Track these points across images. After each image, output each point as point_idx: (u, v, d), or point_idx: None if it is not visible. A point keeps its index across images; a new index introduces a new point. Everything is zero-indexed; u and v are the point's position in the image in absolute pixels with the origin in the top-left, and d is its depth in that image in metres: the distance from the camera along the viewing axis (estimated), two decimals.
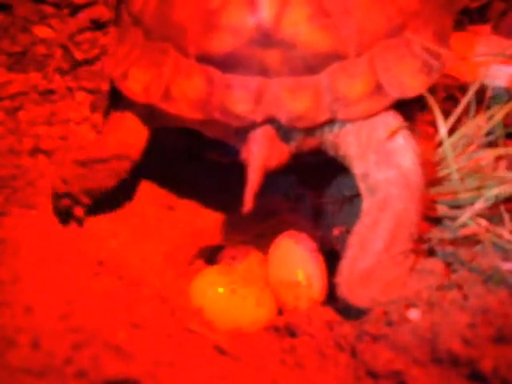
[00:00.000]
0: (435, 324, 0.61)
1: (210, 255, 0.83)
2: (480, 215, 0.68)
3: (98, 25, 0.91)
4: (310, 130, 0.68)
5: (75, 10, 0.92)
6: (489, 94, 0.78)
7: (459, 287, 0.65)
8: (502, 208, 0.67)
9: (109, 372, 0.57)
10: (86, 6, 0.91)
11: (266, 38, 0.64)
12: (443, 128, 0.68)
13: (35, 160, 0.80)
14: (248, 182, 0.65)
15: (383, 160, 0.67)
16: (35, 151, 0.81)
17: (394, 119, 0.68)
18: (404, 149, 0.67)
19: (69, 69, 0.87)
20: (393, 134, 0.67)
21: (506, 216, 0.67)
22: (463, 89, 0.75)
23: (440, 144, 0.72)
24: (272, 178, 0.76)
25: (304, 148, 0.70)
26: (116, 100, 0.76)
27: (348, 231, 0.75)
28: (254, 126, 0.66)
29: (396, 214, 0.66)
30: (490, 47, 0.80)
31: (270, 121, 0.65)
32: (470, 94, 0.71)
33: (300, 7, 0.64)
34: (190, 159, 0.83)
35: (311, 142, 0.70)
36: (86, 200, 0.73)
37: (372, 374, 0.60)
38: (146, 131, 0.74)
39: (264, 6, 0.63)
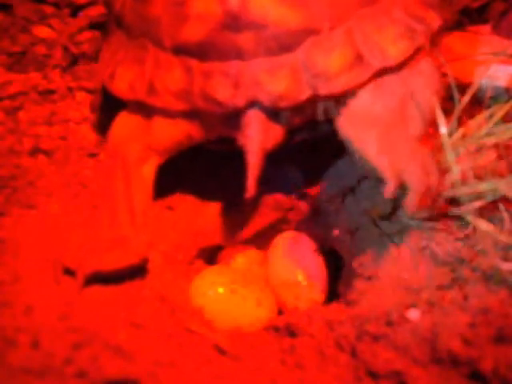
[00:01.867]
0: (435, 324, 0.61)
1: (210, 255, 0.83)
2: (480, 215, 0.68)
3: (97, 25, 0.91)
4: (298, 107, 0.67)
5: (75, 9, 0.92)
6: (489, 93, 0.78)
7: (459, 287, 0.65)
8: (502, 207, 0.67)
9: (109, 372, 0.57)
10: (86, 6, 0.91)
11: (236, 22, 0.63)
12: (443, 128, 0.68)
13: (35, 160, 0.80)
14: (249, 166, 0.65)
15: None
16: (35, 151, 0.81)
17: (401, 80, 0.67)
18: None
19: (69, 69, 0.87)
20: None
21: (506, 215, 0.67)
22: (463, 89, 0.75)
23: (440, 144, 0.71)
24: (271, 178, 0.76)
25: (296, 122, 0.69)
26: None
27: (349, 231, 0.75)
28: (237, 110, 0.66)
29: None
30: (490, 47, 0.80)
31: (253, 104, 0.65)
32: (470, 93, 0.71)
33: None
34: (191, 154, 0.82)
35: (302, 117, 0.69)
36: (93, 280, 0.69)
37: (372, 374, 0.60)
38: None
39: None
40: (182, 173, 0.82)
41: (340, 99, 0.67)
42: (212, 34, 0.64)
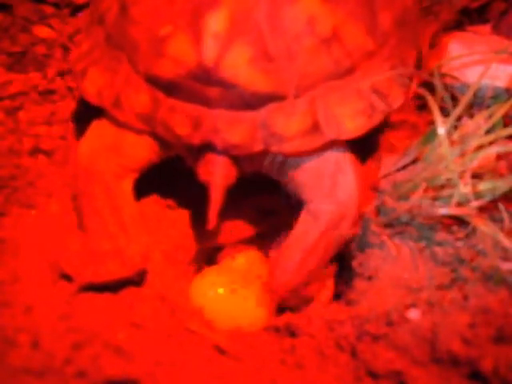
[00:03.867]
0: (435, 324, 0.61)
1: (210, 255, 0.83)
2: (480, 214, 0.68)
3: None
4: (251, 156, 0.70)
5: (75, 9, 0.92)
6: (489, 93, 0.78)
7: (459, 287, 0.65)
8: (502, 207, 0.67)
9: (109, 372, 0.58)
10: (86, 6, 0.91)
11: (206, 76, 0.66)
12: (442, 128, 0.68)
13: (35, 160, 0.80)
14: (211, 201, 0.69)
15: (327, 193, 0.71)
16: (35, 151, 0.81)
17: (342, 154, 0.71)
18: (348, 188, 0.71)
19: (69, 69, 0.87)
20: (340, 171, 0.71)
21: (506, 215, 0.67)
22: (463, 89, 0.75)
23: (439, 144, 0.71)
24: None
25: (247, 167, 0.73)
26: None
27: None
28: (192, 147, 0.69)
29: (329, 243, 0.72)
30: (490, 47, 0.80)
31: (207, 145, 0.68)
32: (470, 93, 0.71)
33: (242, 50, 0.65)
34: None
35: (254, 166, 0.73)
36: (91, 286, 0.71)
37: (372, 374, 0.60)
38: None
39: (207, 45, 0.65)
40: (183, 173, 0.82)
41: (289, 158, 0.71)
42: (182, 78, 0.66)
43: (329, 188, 0.71)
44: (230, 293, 0.74)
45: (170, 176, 0.80)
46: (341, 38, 0.67)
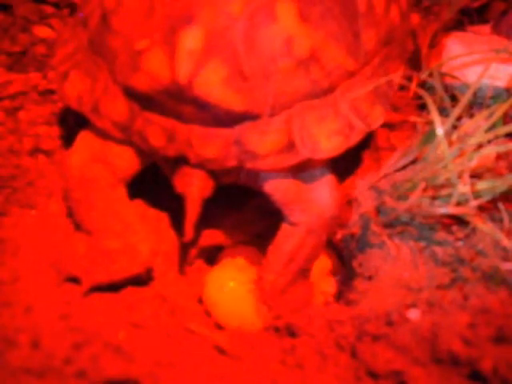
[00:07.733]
0: (435, 324, 0.61)
1: (210, 255, 0.83)
2: (479, 214, 0.68)
3: None
4: (227, 170, 0.70)
5: (75, 10, 0.92)
6: (489, 93, 0.78)
7: (459, 287, 0.65)
8: (502, 207, 0.67)
9: (109, 372, 0.58)
10: None
11: (179, 93, 0.65)
12: (440, 128, 0.68)
13: (35, 160, 0.81)
14: (187, 213, 0.69)
15: (304, 207, 0.72)
16: (35, 151, 0.81)
17: (320, 172, 0.72)
18: (324, 200, 0.72)
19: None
20: (316, 185, 0.72)
21: (506, 215, 0.67)
22: (463, 89, 0.75)
23: (438, 144, 0.71)
24: None
25: (224, 179, 0.73)
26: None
27: (351, 234, 0.75)
28: (168, 159, 0.69)
29: (309, 247, 0.73)
30: (490, 47, 0.80)
31: (182, 158, 0.68)
32: (470, 93, 0.71)
33: (216, 69, 0.64)
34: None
35: (231, 178, 0.74)
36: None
37: (372, 374, 0.60)
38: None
39: (180, 62, 0.64)
40: None
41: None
42: (156, 93, 0.66)
43: (306, 202, 0.72)
44: (231, 293, 0.74)
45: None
46: (319, 58, 0.66)
